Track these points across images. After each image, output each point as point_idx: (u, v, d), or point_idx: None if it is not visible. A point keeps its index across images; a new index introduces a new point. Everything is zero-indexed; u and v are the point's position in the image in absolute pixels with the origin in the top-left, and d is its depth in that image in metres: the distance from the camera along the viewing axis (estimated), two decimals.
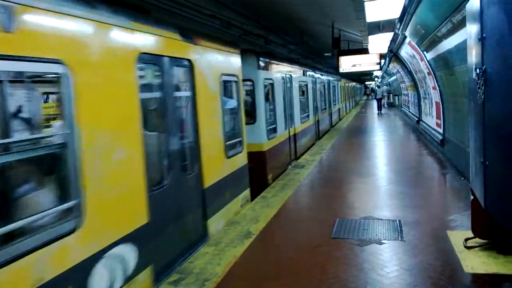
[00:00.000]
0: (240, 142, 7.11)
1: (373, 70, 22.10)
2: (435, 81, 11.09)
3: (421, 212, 6.39)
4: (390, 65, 22.42)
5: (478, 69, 4.07)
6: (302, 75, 13.57)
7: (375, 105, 32.53)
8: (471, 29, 4.38)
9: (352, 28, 13.68)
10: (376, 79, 50.01)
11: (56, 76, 3.22)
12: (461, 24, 6.02)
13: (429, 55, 10.48)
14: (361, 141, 15.76)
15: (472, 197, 4.79)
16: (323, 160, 11.83)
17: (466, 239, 4.90)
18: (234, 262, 4.88)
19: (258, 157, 8.51)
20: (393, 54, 16.55)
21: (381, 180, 9.01)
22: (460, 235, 5.12)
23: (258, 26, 11.93)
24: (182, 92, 5.31)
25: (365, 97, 65.40)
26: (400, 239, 5.31)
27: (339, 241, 5.39)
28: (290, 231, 5.98)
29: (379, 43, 13.61)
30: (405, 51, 13.73)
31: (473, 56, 4.35)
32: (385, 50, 15.64)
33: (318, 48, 20.23)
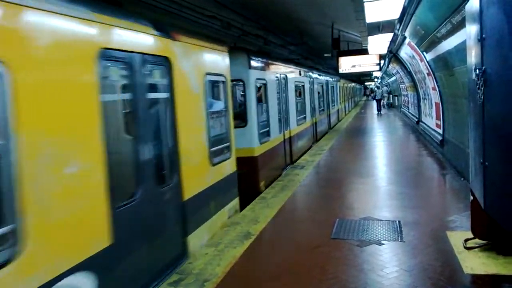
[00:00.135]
0: (228, 148, 6.51)
1: (373, 71, 22.18)
2: (435, 82, 11.10)
3: (421, 213, 6.39)
4: (390, 66, 22.45)
5: (478, 70, 4.08)
6: (299, 75, 13.19)
7: (375, 106, 32.57)
8: (471, 30, 4.39)
9: (352, 29, 13.68)
10: (376, 80, 50.07)
11: None
12: (461, 25, 6.02)
13: (429, 56, 10.48)
14: (361, 142, 15.77)
15: (472, 198, 4.79)
16: (323, 161, 11.83)
17: (466, 240, 4.91)
18: (234, 263, 4.87)
19: (249, 163, 7.99)
20: (393, 55, 16.57)
21: (381, 181, 9.02)
22: (460, 236, 5.12)
23: (258, 27, 11.95)
24: (158, 94, 4.77)
25: (365, 98, 65.52)
26: (400, 240, 5.31)
27: (339, 242, 5.39)
28: (290, 232, 5.98)
29: (379, 44, 13.61)
30: (405, 52, 13.74)
31: (473, 57, 4.35)
32: (385, 51, 15.66)
33: (318, 49, 20.24)
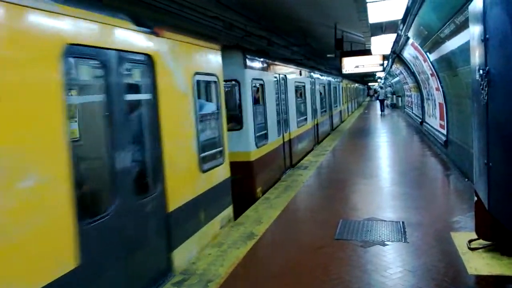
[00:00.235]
0: (221, 153, 6.05)
1: (376, 72, 22.16)
2: (438, 82, 11.07)
3: (425, 214, 6.38)
4: (393, 66, 22.42)
5: (482, 70, 4.07)
6: (299, 76, 12.77)
7: (378, 106, 32.53)
8: (474, 30, 4.38)
9: (355, 29, 13.67)
10: (379, 80, 50.00)
11: None
12: (464, 25, 6.01)
13: (432, 56, 10.46)
14: (364, 143, 15.74)
15: (476, 199, 4.78)
16: (326, 162, 11.82)
17: (470, 241, 4.89)
18: (237, 263, 4.88)
19: (245, 168, 7.56)
20: (396, 55, 16.55)
21: (385, 181, 9.01)
22: (464, 237, 5.11)
23: (261, 28, 11.96)
24: (138, 95, 4.40)
25: (368, 98, 65.49)
26: (404, 241, 5.30)
27: (342, 242, 5.39)
28: (293, 232, 5.98)
29: (382, 44, 13.59)
30: (408, 52, 13.71)
31: (476, 57, 4.35)
32: (388, 51, 15.63)
33: (321, 49, 20.23)
